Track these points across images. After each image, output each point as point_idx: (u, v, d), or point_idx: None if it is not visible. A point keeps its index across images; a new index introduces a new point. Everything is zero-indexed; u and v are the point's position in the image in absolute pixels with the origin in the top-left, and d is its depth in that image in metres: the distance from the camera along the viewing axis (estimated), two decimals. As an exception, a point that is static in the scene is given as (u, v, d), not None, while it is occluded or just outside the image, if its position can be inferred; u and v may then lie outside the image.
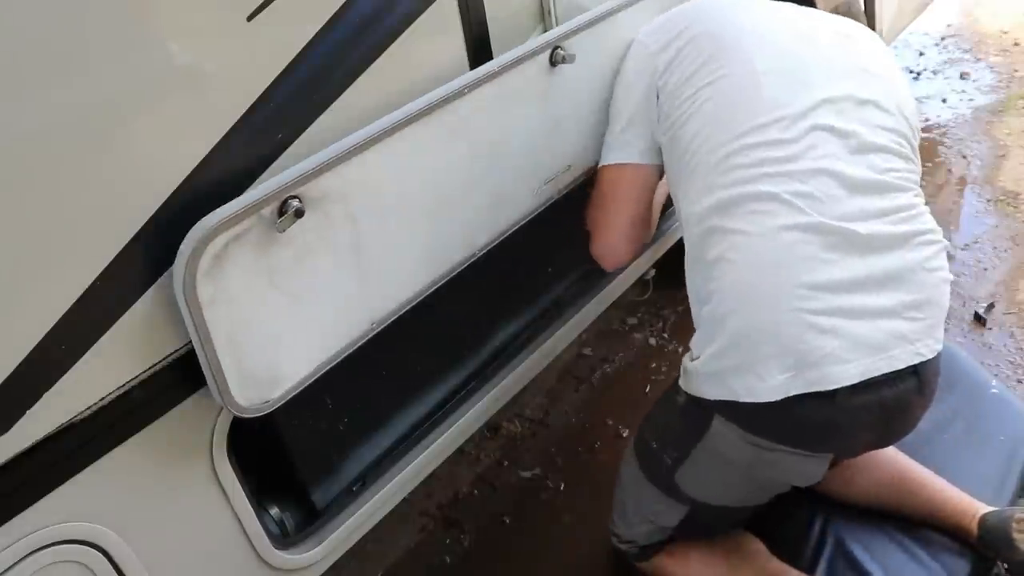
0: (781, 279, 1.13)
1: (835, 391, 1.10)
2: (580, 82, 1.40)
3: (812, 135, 1.18)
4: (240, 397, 1.01)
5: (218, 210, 0.94)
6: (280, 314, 1.04)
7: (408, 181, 1.15)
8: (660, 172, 1.43)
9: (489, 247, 1.34)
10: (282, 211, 0.98)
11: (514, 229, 1.39)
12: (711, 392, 1.19)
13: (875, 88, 1.26)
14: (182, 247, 0.92)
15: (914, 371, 1.15)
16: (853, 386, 1.10)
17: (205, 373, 0.98)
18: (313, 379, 1.11)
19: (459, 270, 1.30)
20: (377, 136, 1.07)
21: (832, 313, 1.11)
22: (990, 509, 1.42)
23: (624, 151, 1.40)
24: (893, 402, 1.15)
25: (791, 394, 1.11)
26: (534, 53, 1.27)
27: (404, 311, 1.22)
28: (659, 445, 1.36)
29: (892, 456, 1.53)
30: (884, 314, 1.13)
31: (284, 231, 0.99)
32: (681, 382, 1.27)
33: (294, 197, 0.99)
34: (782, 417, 1.14)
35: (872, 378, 1.11)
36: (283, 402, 1.08)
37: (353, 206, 1.07)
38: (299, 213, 0.99)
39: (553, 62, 1.31)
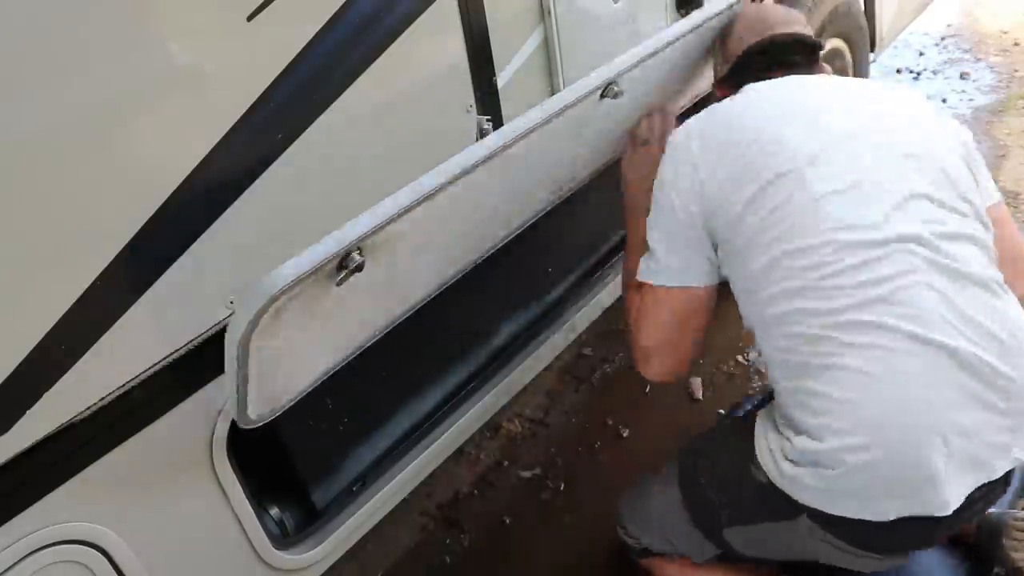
0: (923, 418, 1.04)
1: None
2: (620, 112, 1.36)
3: (899, 254, 1.08)
4: (254, 414, 1.01)
5: (288, 269, 0.89)
6: (311, 346, 1.04)
7: (449, 221, 1.14)
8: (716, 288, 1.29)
9: (492, 250, 1.34)
10: (342, 265, 0.96)
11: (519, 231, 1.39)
12: (815, 502, 1.11)
13: (932, 175, 1.14)
14: (246, 300, 0.89)
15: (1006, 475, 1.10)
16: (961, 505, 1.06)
17: (229, 397, 0.98)
18: (315, 385, 1.11)
19: (464, 272, 1.30)
20: (437, 188, 1.03)
21: (955, 435, 1.04)
22: (990, 509, 1.42)
23: (672, 274, 1.23)
24: (981, 506, 1.13)
25: (903, 515, 1.06)
26: (591, 92, 1.22)
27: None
28: (718, 500, 1.27)
29: None
30: (996, 430, 1.07)
31: (341, 285, 0.97)
32: (770, 471, 1.16)
33: (357, 250, 0.96)
34: (883, 534, 1.09)
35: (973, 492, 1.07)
36: (285, 409, 1.08)
37: (399, 250, 1.06)
38: (359, 268, 0.97)
39: (602, 96, 1.27)
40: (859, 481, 1.06)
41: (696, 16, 1.39)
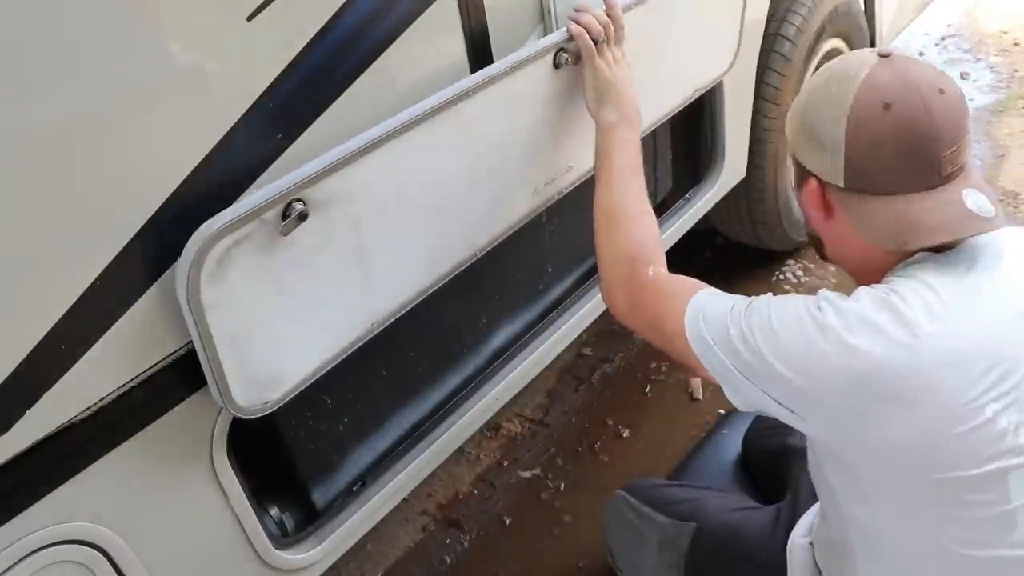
0: None
1: None
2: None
3: None
4: (241, 398, 1.01)
5: (221, 214, 0.93)
6: (282, 316, 1.03)
7: (411, 183, 1.15)
8: None
9: (489, 247, 1.34)
10: (286, 214, 0.98)
11: (514, 230, 1.39)
12: None
13: None
14: (185, 251, 0.92)
15: None
16: None
17: (206, 375, 0.98)
18: (313, 379, 1.11)
19: (460, 270, 1.30)
20: (381, 138, 1.07)
21: None
22: None
23: (713, 365, 0.96)
24: None
25: None
26: (538, 56, 1.27)
27: (404, 311, 1.22)
28: None
29: None
30: None
31: (288, 235, 0.98)
32: None
33: (298, 200, 0.98)
34: None
35: None
36: (283, 403, 1.08)
37: (356, 209, 1.07)
38: (303, 216, 0.99)
39: (557, 64, 1.31)
40: None
41: None
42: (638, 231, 1.16)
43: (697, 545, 1.33)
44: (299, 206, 0.98)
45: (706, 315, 0.97)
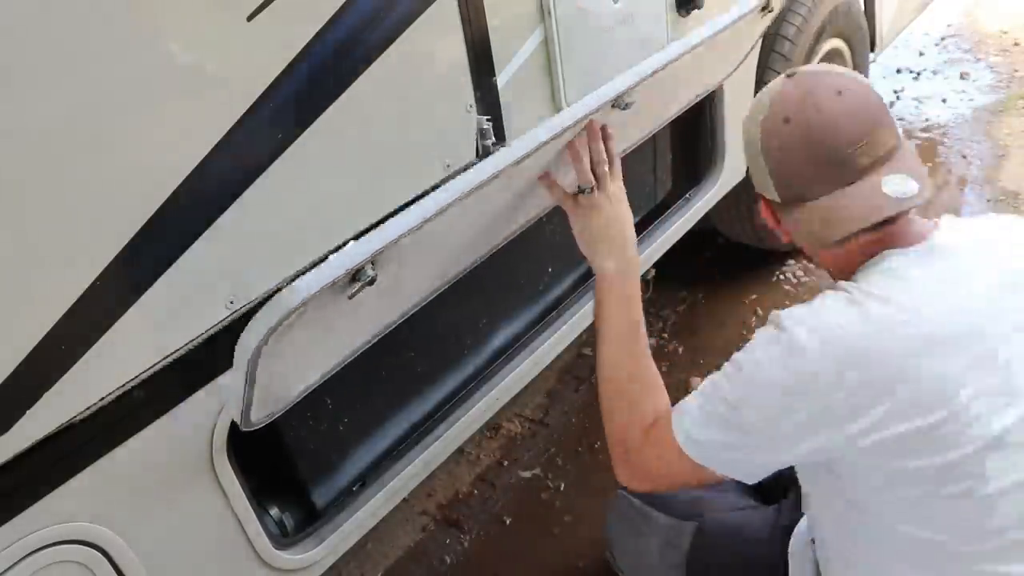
0: None
1: None
2: (628, 123, 1.35)
3: None
4: (255, 418, 1.02)
5: (303, 285, 0.89)
6: (316, 353, 1.04)
7: (456, 231, 1.14)
8: None
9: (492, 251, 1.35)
10: (355, 278, 0.95)
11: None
12: None
13: None
14: (260, 317, 0.89)
15: None
16: None
17: (233, 403, 0.98)
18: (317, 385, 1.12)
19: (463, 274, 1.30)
20: (448, 205, 1.03)
21: None
22: None
23: (716, 460, 0.99)
24: None
25: None
26: (603, 104, 1.20)
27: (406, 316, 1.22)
28: None
29: None
30: None
31: (353, 298, 0.97)
32: None
33: (371, 263, 0.96)
34: None
35: None
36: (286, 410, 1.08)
37: (406, 260, 1.06)
38: (371, 281, 0.96)
39: (614, 106, 1.26)
40: None
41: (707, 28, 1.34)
42: (648, 398, 1.11)
43: (698, 544, 1.33)
44: (370, 271, 0.96)
45: (685, 419, 1.01)
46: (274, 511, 1.31)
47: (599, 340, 1.17)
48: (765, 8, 1.52)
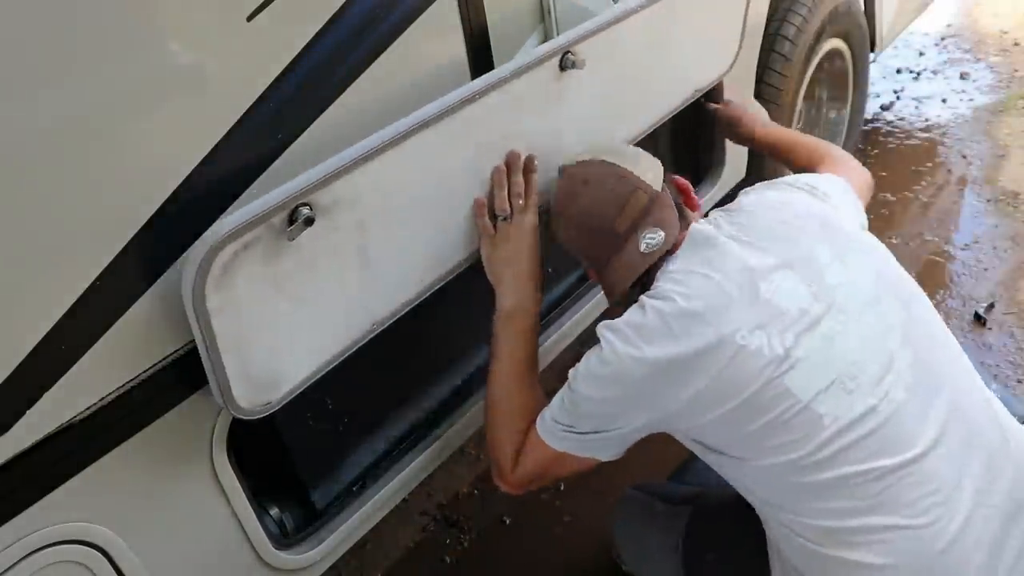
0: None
1: None
2: (588, 87, 1.37)
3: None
4: (242, 400, 1.01)
5: (227, 219, 0.92)
6: (285, 318, 1.03)
7: (416, 186, 1.15)
8: None
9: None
10: (292, 219, 0.97)
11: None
12: None
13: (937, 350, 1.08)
14: (190, 255, 0.91)
15: None
16: None
17: (208, 377, 0.98)
18: (314, 379, 1.11)
19: (460, 270, 1.30)
20: (386, 143, 1.06)
21: None
22: None
23: (581, 447, 1.13)
24: None
25: None
26: (544, 59, 1.25)
27: (405, 311, 1.22)
28: None
29: None
30: None
31: (294, 239, 0.98)
32: None
33: (305, 204, 0.98)
34: None
35: None
36: (284, 403, 1.08)
37: (361, 212, 1.07)
38: (309, 221, 0.98)
39: (563, 67, 1.29)
40: None
41: None
42: (528, 421, 1.20)
43: (694, 526, 1.34)
44: (305, 211, 0.97)
45: (545, 416, 1.15)
46: (274, 511, 1.31)
47: (491, 363, 1.25)
48: None
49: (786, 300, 1.03)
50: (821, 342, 1.01)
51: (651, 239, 1.14)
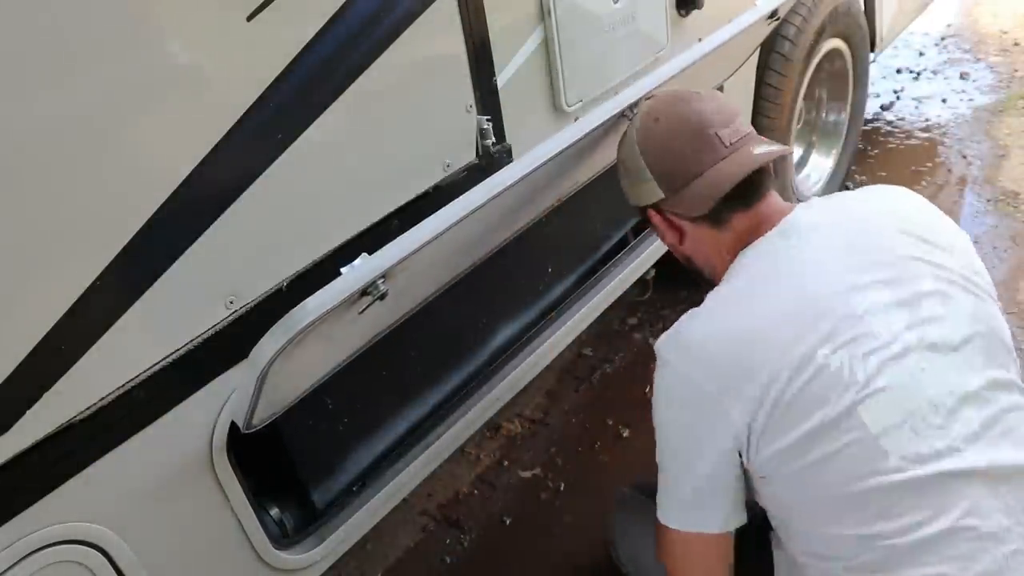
0: None
1: None
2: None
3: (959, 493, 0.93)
4: (257, 420, 1.02)
5: (315, 302, 0.87)
6: (320, 361, 1.04)
7: (461, 242, 1.13)
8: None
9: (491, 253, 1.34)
10: (365, 292, 0.93)
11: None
12: None
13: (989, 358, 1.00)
14: (274, 332, 0.87)
15: None
16: None
17: (238, 408, 0.98)
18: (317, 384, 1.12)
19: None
20: (457, 221, 1.00)
21: None
22: None
23: (701, 516, 1.06)
24: None
25: None
26: (611, 116, 1.19)
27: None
28: None
29: None
30: None
31: (364, 312, 0.96)
32: None
33: (382, 278, 0.94)
34: None
35: None
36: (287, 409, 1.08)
37: (413, 272, 1.05)
38: (383, 296, 0.95)
39: (622, 115, 1.22)
40: None
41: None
42: None
43: None
44: (382, 287, 0.94)
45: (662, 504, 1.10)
46: (274, 511, 1.31)
47: None
48: (772, 16, 1.51)
49: (879, 322, 0.96)
50: (907, 377, 0.95)
51: (764, 148, 1.06)
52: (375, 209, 1.22)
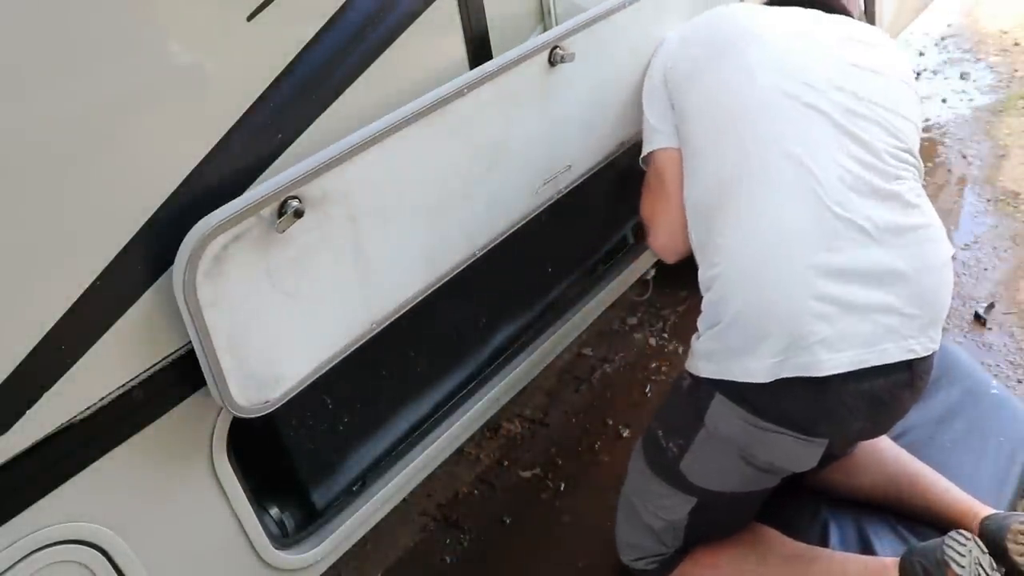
0: (787, 260, 1.17)
1: (828, 378, 1.14)
2: (580, 82, 1.39)
3: (806, 119, 1.24)
4: (240, 397, 1.01)
5: (217, 211, 0.93)
6: (280, 314, 1.04)
7: (408, 181, 1.15)
8: None
9: (489, 247, 1.34)
10: (281, 211, 0.98)
11: (514, 229, 1.39)
12: (709, 370, 1.23)
13: (874, 86, 1.30)
14: (181, 248, 0.92)
15: (906, 366, 1.18)
16: (844, 374, 1.14)
17: (205, 374, 0.98)
18: (313, 379, 1.11)
19: (459, 270, 1.30)
20: (377, 136, 1.07)
21: (830, 301, 1.14)
22: (991, 512, 1.42)
23: (667, 135, 1.41)
24: (883, 393, 1.18)
25: (782, 376, 1.15)
26: (533, 53, 1.27)
27: (404, 311, 1.22)
28: (664, 434, 1.38)
29: (896, 453, 1.54)
30: (880, 309, 1.16)
31: (284, 231, 0.99)
32: (687, 363, 1.31)
33: (294, 197, 0.99)
34: (775, 398, 1.18)
35: (862, 368, 1.14)
36: (283, 402, 1.08)
37: (353, 206, 1.07)
38: (298, 213, 0.99)
39: (552, 61, 1.31)
40: (738, 337, 1.18)
41: None
42: None
43: (696, 518, 1.41)
44: (295, 203, 0.98)
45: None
46: (274, 511, 1.31)
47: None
48: None
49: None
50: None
51: None
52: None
